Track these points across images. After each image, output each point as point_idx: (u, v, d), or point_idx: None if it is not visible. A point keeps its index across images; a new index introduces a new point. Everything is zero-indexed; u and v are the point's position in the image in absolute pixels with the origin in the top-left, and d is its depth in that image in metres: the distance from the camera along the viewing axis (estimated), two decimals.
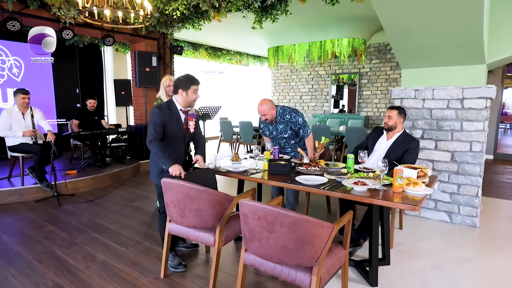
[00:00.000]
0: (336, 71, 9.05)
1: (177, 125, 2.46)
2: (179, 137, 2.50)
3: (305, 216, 1.55)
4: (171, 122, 2.42)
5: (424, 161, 3.52)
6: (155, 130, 2.36)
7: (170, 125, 2.42)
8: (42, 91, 6.89)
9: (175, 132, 2.45)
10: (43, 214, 3.66)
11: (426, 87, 3.41)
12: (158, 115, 2.37)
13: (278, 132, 3.08)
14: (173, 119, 2.43)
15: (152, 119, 2.39)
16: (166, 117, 2.40)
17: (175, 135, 2.46)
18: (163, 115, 2.39)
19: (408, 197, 2.00)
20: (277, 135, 3.10)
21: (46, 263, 2.55)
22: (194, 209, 2.07)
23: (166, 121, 2.39)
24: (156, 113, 2.37)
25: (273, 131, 3.10)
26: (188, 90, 2.44)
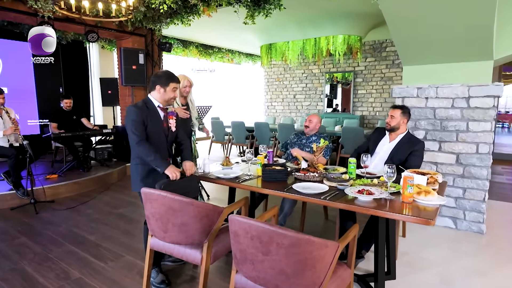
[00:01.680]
0: (331, 70, 8.85)
1: (157, 123, 2.27)
2: (160, 137, 2.29)
3: (306, 236, 1.31)
4: (150, 120, 2.22)
5: (427, 163, 3.32)
6: (138, 129, 2.15)
7: (150, 123, 2.21)
8: (23, 90, 6.53)
9: (156, 131, 2.25)
10: (16, 224, 3.35)
11: (430, 85, 3.20)
12: (136, 112, 2.16)
13: (302, 143, 3.21)
14: (153, 117, 2.23)
15: (130, 118, 2.16)
16: (144, 114, 2.19)
17: (156, 134, 2.26)
18: (141, 112, 2.18)
19: (419, 208, 1.78)
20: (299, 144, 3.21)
21: (11, 283, 2.26)
22: (178, 223, 1.82)
23: (145, 119, 2.19)
24: (134, 110, 2.17)
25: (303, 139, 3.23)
26: (167, 87, 2.25)
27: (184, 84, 3.17)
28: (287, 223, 3.21)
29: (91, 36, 5.40)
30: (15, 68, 6.39)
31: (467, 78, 3.08)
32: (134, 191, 2.28)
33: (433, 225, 1.60)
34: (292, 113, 9.73)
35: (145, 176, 2.21)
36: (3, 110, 3.99)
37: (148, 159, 2.16)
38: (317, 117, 3.21)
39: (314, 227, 3.29)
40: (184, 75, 3.20)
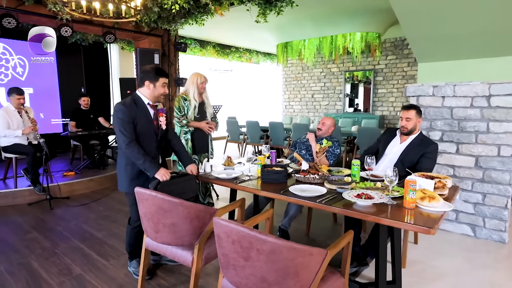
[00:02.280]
0: (350, 68, 8.61)
1: (147, 121, 2.19)
2: (151, 136, 2.22)
3: (288, 242, 1.24)
4: (140, 119, 2.14)
5: (443, 166, 3.12)
6: (126, 129, 2.07)
7: (140, 122, 2.14)
8: (47, 90, 6.81)
9: (146, 130, 2.18)
10: (31, 219, 3.48)
11: (446, 83, 3.00)
12: (124, 111, 2.08)
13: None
14: (142, 115, 2.15)
15: (117, 117, 2.07)
16: (133, 113, 2.11)
17: (147, 133, 2.19)
18: (130, 111, 2.10)
19: (422, 215, 1.65)
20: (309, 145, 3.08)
21: (17, 277, 2.33)
22: (168, 223, 1.79)
23: (134, 117, 2.11)
24: (121, 109, 2.08)
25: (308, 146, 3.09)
26: (156, 82, 2.16)
27: (201, 81, 3.16)
28: (294, 226, 3.13)
29: (109, 37, 5.53)
30: (39, 69, 6.67)
31: (488, 75, 2.86)
32: (121, 191, 2.25)
33: (433, 234, 1.47)
34: (310, 112, 9.57)
35: (135, 176, 2.18)
36: (23, 110, 4.15)
37: (137, 162, 2.10)
38: (331, 120, 3.09)
39: (321, 230, 3.18)
40: (199, 73, 3.22)
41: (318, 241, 2.96)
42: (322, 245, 2.81)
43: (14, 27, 4.55)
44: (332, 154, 2.96)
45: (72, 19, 4.89)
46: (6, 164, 4.39)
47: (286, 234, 2.86)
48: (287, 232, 2.88)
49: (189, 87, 3.16)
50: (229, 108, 10.15)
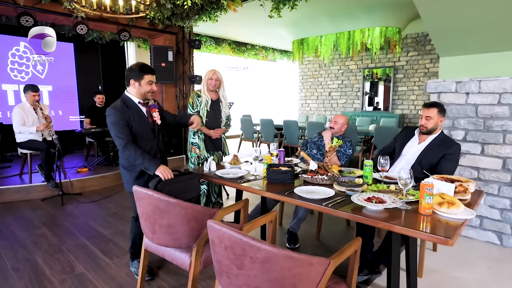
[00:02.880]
0: (368, 65, 8.32)
1: (142, 120, 2.15)
2: (148, 134, 2.19)
3: (284, 250, 1.12)
4: (134, 120, 2.10)
5: (466, 168, 2.89)
6: (122, 132, 2.04)
7: (135, 123, 2.10)
8: (65, 88, 6.95)
9: (142, 129, 2.14)
10: (42, 215, 3.51)
11: (471, 78, 2.78)
12: (116, 114, 2.03)
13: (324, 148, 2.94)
14: (135, 115, 2.11)
15: (110, 122, 2.05)
16: (126, 115, 2.07)
17: (143, 132, 2.16)
18: (123, 114, 2.05)
19: (440, 222, 1.49)
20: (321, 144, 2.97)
21: (21, 273, 2.33)
22: (164, 224, 1.71)
23: (127, 119, 2.07)
24: (113, 113, 2.04)
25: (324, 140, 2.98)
26: (141, 80, 2.10)
27: (209, 77, 3.11)
28: (303, 228, 3.00)
29: (123, 35, 5.56)
30: (59, 67, 6.82)
31: None
32: (127, 190, 2.23)
33: (451, 245, 1.31)
34: (326, 111, 9.34)
35: (139, 176, 2.16)
36: (38, 107, 4.21)
37: (136, 163, 2.06)
38: (343, 118, 2.93)
39: (332, 234, 3.02)
40: (212, 69, 3.18)
41: (328, 245, 2.81)
42: (332, 250, 2.68)
43: (31, 26, 4.65)
44: (344, 154, 2.80)
45: (87, 17, 4.94)
46: (23, 159, 4.48)
47: (294, 237, 2.73)
48: (296, 234, 2.75)
49: (202, 83, 3.16)
50: (245, 106, 10.08)
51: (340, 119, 2.89)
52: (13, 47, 6.25)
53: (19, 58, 6.32)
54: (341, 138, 2.84)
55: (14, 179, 4.41)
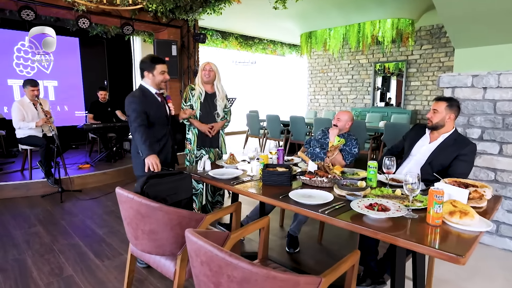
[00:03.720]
0: (380, 59, 8.02)
1: (158, 109, 2.37)
2: (163, 122, 2.42)
3: (265, 269, 0.97)
4: (151, 108, 2.32)
5: (482, 169, 2.68)
6: (139, 116, 2.24)
7: (152, 110, 2.32)
8: (71, 83, 6.92)
9: (159, 116, 2.37)
10: (39, 212, 3.45)
11: (489, 72, 2.55)
12: (137, 102, 2.26)
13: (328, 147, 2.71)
14: (153, 104, 2.34)
15: (131, 108, 2.26)
16: (144, 103, 2.28)
17: (159, 119, 2.38)
18: (141, 102, 2.27)
19: (451, 235, 1.32)
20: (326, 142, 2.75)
21: (8, 274, 2.25)
22: (147, 230, 1.58)
23: (146, 108, 2.29)
24: (134, 100, 2.27)
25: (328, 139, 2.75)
26: (154, 70, 2.31)
27: (203, 67, 2.99)
28: (305, 232, 2.86)
29: (126, 28, 5.46)
30: (64, 62, 6.78)
31: None
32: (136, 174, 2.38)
33: (463, 264, 1.13)
34: (336, 106, 9.09)
35: None
36: (37, 102, 4.14)
37: (138, 144, 2.23)
38: (347, 114, 2.71)
39: (336, 238, 2.86)
40: (208, 61, 3.06)
41: (331, 250, 2.65)
42: (335, 256, 2.51)
43: (33, 19, 4.59)
44: (349, 154, 2.62)
45: (88, 11, 4.85)
46: (24, 155, 4.45)
47: (295, 240, 2.58)
48: (297, 238, 2.60)
49: (197, 75, 3.06)
50: (252, 101, 9.92)
51: (343, 116, 2.70)
52: (19, 42, 6.23)
53: (24, 53, 6.30)
54: (345, 135, 2.66)
55: (16, 175, 4.38)
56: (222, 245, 1.44)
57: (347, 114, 2.68)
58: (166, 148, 2.49)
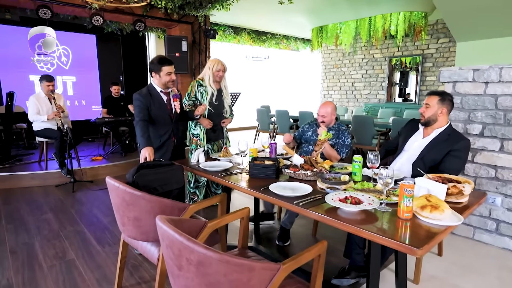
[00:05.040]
0: (395, 53, 7.83)
1: (161, 107, 2.55)
2: (165, 119, 2.58)
3: (219, 254, 1.02)
4: (154, 105, 2.50)
5: (482, 166, 2.61)
6: (140, 112, 2.43)
7: (154, 107, 2.50)
8: (88, 78, 7.19)
9: (160, 113, 2.54)
10: (52, 200, 3.66)
11: (491, 66, 2.47)
12: (140, 99, 2.46)
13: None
14: (155, 102, 2.51)
15: (135, 104, 2.47)
16: (147, 101, 2.47)
17: (160, 117, 2.55)
18: (145, 99, 2.46)
19: (420, 228, 1.32)
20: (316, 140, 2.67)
21: (17, 257, 2.42)
22: (131, 217, 1.67)
23: (148, 105, 2.48)
24: (138, 98, 2.46)
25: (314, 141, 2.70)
26: (160, 72, 2.47)
27: (217, 68, 2.98)
28: (300, 224, 2.89)
29: (138, 25, 5.61)
30: (82, 58, 7.06)
31: None
32: None
33: (419, 255, 1.15)
34: (349, 102, 8.97)
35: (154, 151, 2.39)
36: (52, 96, 4.35)
37: (138, 136, 2.40)
38: (330, 106, 2.62)
39: (331, 232, 2.86)
40: (217, 59, 3.04)
41: None
42: (329, 250, 2.53)
43: (50, 17, 4.81)
44: (344, 145, 2.61)
45: (102, 8, 5.02)
46: (40, 147, 4.70)
47: (286, 233, 2.62)
48: (288, 231, 2.64)
49: (206, 73, 3.02)
50: (265, 96, 9.94)
51: (326, 109, 2.61)
52: (39, 39, 6.52)
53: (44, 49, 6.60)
54: (336, 127, 2.64)
55: (34, 166, 4.65)
56: (198, 233, 1.51)
57: (330, 106, 2.62)
58: (166, 145, 2.62)
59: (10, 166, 4.52)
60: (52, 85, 4.32)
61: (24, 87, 6.40)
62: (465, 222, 2.74)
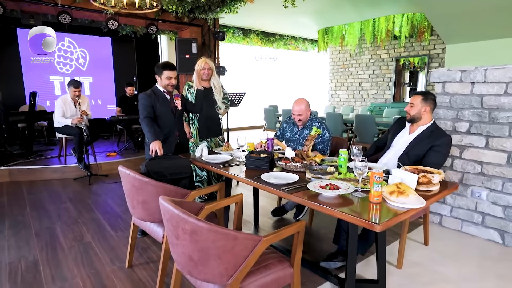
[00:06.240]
0: (401, 54, 7.91)
1: (164, 103, 2.77)
2: (168, 114, 2.80)
3: (209, 224, 1.25)
4: (158, 102, 2.73)
5: (469, 162, 2.76)
6: (145, 110, 2.66)
7: (158, 104, 2.72)
8: (104, 79, 7.56)
9: (165, 110, 2.77)
10: (71, 192, 3.98)
11: (477, 67, 2.62)
12: (146, 98, 2.70)
13: (301, 137, 2.82)
14: (160, 99, 2.74)
15: (141, 103, 2.71)
16: (152, 99, 2.71)
17: (165, 112, 2.78)
18: (149, 98, 2.70)
19: (389, 211, 1.51)
20: (298, 139, 2.84)
21: (41, 238, 2.72)
22: (140, 200, 1.92)
23: (153, 103, 2.71)
24: (143, 97, 2.71)
25: (296, 134, 2.87)
26: (162, 75, 2.71)
27: (201, 67, 3.16)
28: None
29: (151, 28, 5.91)
30: (98, 60, 7.43)
31: None
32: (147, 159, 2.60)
33: (378, 230, 1.34)
34: (356, 102, 9.08)
35: None
36: (77, 101, 4.66)
37: (145, 132, 2.64)
38: (303, 103, 2.71)
39: (326, 222, 3.06)
40: (202, 58, 3.22)
41: (319, 233, 2.87)
42: (322, 238, 2.74)
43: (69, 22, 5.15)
44: (324, 142, 2.72)
45: (116, 13, 5.34)
46: (60, 144, 5.05)
47: (281, 210, 2.94)
48: (284, 210, 2.92)
49: (194, 74, 3.23)
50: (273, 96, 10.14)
51: (300, 106, 2.70)
52: (59, 42, 6.92)
53: (64, 52, 7.00)
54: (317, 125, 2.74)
55: (54, 160, 5.00)
56: (196, 214, 1.74)
57: (303, 103, 2.72)
58: (169, 140, 2.84)
59: (33, 160, 4.88)
60: (78, 91, 4.62)
61: (45, 87, 6.81)
62: (454, 215, 2.89)
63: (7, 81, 6.40)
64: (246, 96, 4.97)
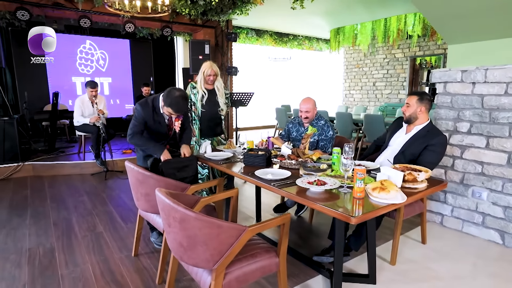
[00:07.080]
0: (416, 53, 7.79)
1: (159, 125, 2.52)
2: (161, 135, 2.57)
3: (195, 213, 1.38)
4: (152, 121, 2.48)
5: (470, 162, 2.76)
6: (135, 125, 2.46)
7: (153, 121, 2.48)
8: (123, 79, 7.88)
9: (157, 130, 2.52)
10: (87, 186, 4.23)
11: (477, 67, 2.62)
12: (139, 112, 2.45)
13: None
14: (156, 118, 2.48)
15: (134, 114, 2.50)
16: (147, 115, 2.45)
17: (157, 133, 2.53)
18: (144, 112, 2.44)
19: (372, 206, 1.59)
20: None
21: (58, 227, 2.95)
22: (143, 193, 2.08)
23: (147, 118, 2.46)
24: (138, 110, 2.46)
25: (303, 133, 2.90)
26: (165, 107, 2.40)
27: (208, 73, 3.23)
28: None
29: (166, 30, 6.14)
30: (117, 61, 7.75)
31: None
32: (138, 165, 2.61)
33: (353, 222, 1.43)
34: (370, 102, 9.00)
35: (146, 155, 2.57)
36: (95, 101, 4.92)
37: (144, 148, 2.49)
38: (310, 102, 2.75)
39: (326, 219, 3.12)
40: (210, 63, 3.32)
41: (319, 230, 2.95)
42: (321, 234, 2.82)
43: (89, 26, 5.43)
44: (326, 140, 2.80)
45: (132, 16, 5.58)
46: (79, 141, 5.34)
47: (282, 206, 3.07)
48: (285, 206, 3.01)
49: (199, 76, 3.26)
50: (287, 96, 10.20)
51: (308, 105, 2.76)
52: (81, 44, 7.29)
53: (85, 54, 7.35)
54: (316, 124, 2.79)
55: (74, 157, 5.30)
56: (193, 206, 1.87)
57: (310, 102, 2.79)
58: None
59: (55, 156, 5.20)
60: (95, 91, 4.88)
61: (67, 88, 7.18)
62: (455, 215, 2.90)
63: (33, 83, 6.80)
64: (259, 96, 5.10)
